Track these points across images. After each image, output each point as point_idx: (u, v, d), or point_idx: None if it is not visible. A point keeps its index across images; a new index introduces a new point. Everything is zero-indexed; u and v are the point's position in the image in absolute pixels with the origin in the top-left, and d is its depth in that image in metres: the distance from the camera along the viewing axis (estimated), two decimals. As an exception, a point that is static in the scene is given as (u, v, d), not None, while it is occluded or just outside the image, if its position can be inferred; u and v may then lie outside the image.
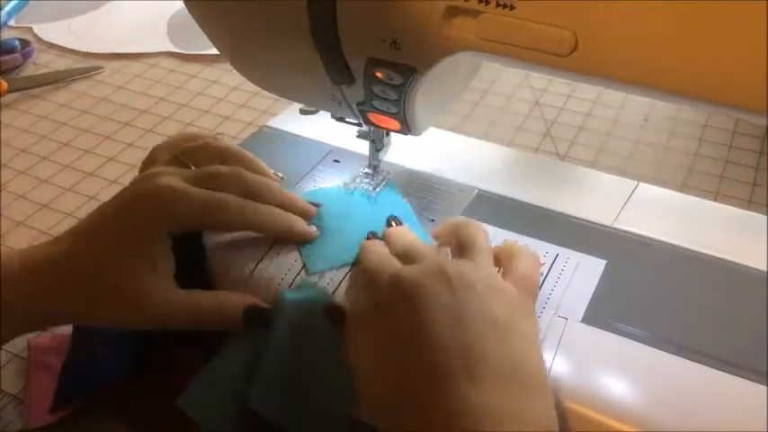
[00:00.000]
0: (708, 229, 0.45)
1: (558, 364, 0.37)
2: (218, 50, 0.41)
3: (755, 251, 0.43)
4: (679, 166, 0.65)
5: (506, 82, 0.76)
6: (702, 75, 0.27)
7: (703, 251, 0.44)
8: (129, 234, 0.39)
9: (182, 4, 0.98)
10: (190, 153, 0.45)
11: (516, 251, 0.40)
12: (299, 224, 0.44)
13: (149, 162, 0.45)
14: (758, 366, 0.37)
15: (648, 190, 0.49)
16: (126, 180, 0.43)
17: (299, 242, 0.44)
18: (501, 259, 0.40)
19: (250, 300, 0.40)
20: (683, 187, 0.62)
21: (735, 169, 0.65)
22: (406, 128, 0.41)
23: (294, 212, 0.44)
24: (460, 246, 0.39)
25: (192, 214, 0.40)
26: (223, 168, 0.43)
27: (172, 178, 0.41)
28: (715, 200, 0.60)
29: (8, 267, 0.39)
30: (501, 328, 0.34)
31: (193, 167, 0.45)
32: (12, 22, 0.92)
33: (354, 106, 0.41)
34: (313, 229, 0.45)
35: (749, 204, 0.61)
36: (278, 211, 0.43)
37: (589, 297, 0.41)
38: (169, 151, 0.45)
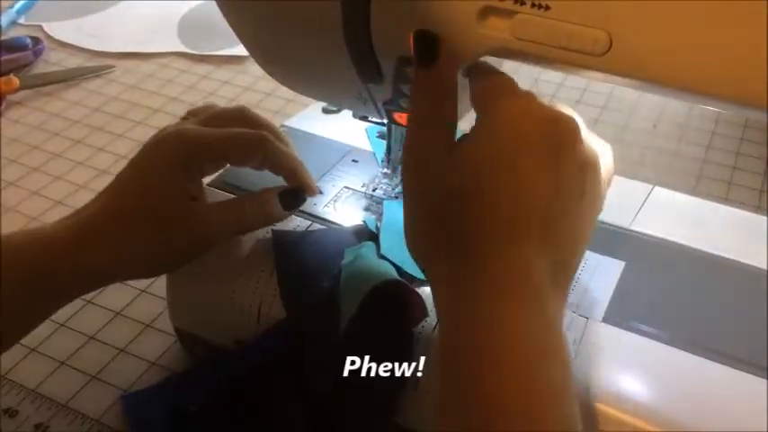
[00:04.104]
0: (724, 232, 0.46)
1: (579, 362, 0.38)
2: (246, 49, 0.42)
3: (772, 254, 0.44)
4: (688, 172, 0.66)
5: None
6: (741, 76, 0.27)
7: (720, 254, 0.44)
8: (158, 165, 0.41)
9: (193, 5, 0.98)
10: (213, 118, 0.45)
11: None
12: (310, 177, 0.45)
13: None
14: (779, 365, 0.37)
15: (663, 193, 0.50)
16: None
17: None
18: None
19: (282, 187, 0.44)
20: (693, 193, 0.63)
21: (743, 176, 0.66)
22: (431, 127, 0.41)
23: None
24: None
25: (213, 142, 0.42)
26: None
27: (190, 123, 0.44)
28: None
29: (44, 238, 0.40)
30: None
31: None
32: (21, 20, 0.92)
33: (380, 105, 0.41)
34: (318, 189, 0.46)
35: (757, 210, 0.61)
36: (295, 156, 0.45)
37: (609, 297, 0.41)
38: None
